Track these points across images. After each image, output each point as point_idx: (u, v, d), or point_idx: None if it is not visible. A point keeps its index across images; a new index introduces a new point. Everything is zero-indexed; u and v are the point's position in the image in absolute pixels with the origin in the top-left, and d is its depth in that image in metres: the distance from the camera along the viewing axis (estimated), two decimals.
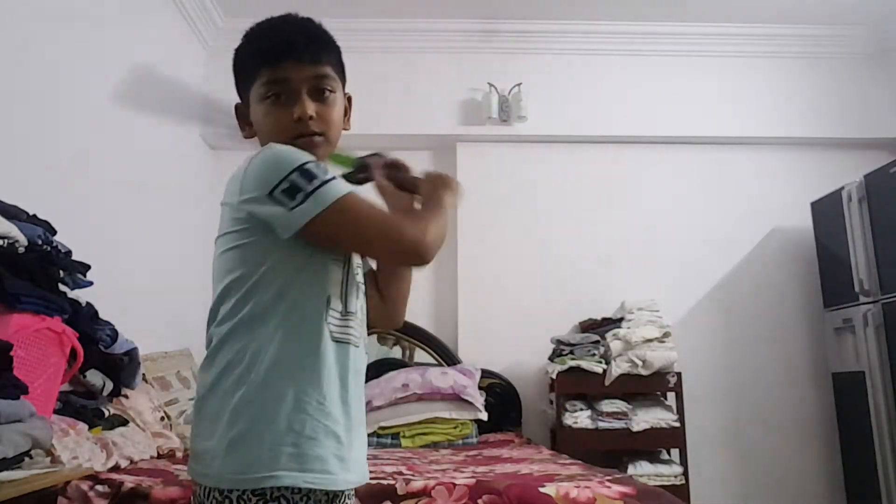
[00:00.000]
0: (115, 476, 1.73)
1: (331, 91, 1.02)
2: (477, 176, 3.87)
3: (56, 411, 1.92)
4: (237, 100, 1.10)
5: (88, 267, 2.09)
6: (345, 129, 1.08)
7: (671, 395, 3.28)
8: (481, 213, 3.81)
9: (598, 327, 3.46)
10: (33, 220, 1.91)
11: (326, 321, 0.94)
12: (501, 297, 3.70)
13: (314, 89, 1.00)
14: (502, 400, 3.47)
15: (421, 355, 3.59)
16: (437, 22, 3.88)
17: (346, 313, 0.97)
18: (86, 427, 1.96)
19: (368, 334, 1.07)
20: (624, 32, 3.92)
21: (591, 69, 3.93)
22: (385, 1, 3.72)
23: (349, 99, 1.11)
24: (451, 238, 3.80)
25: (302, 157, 0.93)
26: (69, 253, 2.02)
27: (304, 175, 0.90)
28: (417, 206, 1.05)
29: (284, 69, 0.98)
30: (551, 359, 3.36)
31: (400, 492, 1.63)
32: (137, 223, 2.98)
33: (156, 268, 3.09)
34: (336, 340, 0.95)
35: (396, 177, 1.12)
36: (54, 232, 1.97)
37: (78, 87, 2.56)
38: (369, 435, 2.79)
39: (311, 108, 0.98)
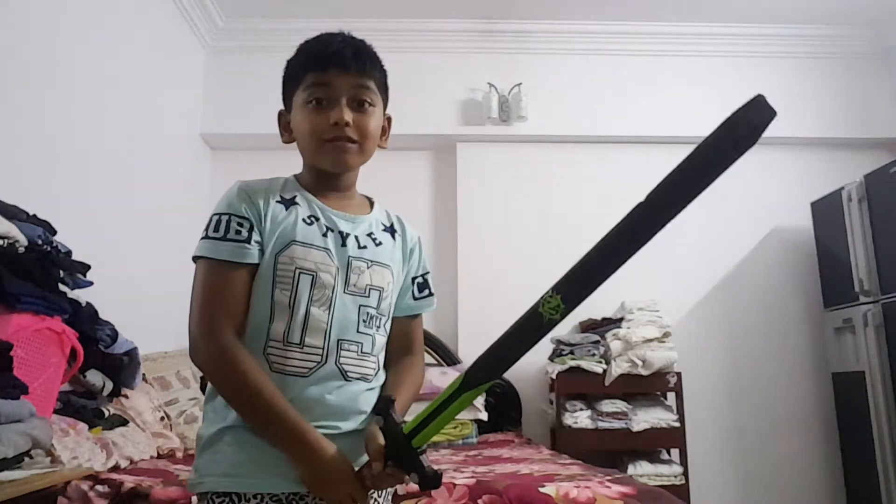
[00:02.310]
0: (115, 476, 1.73)
1: (370, 104, 1.05)
2: (477, 176, 3.87)
3: (56, 411, 1.92)
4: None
5: (88, 267, 2.09)
6: (381, 146, 1.12)
7: (671, 395, 3.28)
8: (481, 213, 3.81)
9: (598, 327, 3.46)
10: (33, 220, 1.92)
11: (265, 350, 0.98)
12: (501, 296, 3.70)
13: (354, 98, 1.03)
14: (502, 400, 3.46)
15: None
16: (437, 22, 3.88)
17: (287, 343, 0.98)
18: (86, 427, 1.96)
19: None
20: (624, 32, 3.92)
21: (591, 69, 3.93)
22: (385, 1, 3.72)
23: (389, 120, 1.14)
24: (452, 237, 3.80)
25: (226, 207, 1.00)
26: (69, 253, 2.02)
27: (211, 221, 0.99)
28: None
29: (329, 75, 1.02)
30: (551, 359, 3.36)
31: (400, 492, 1.63)
32: (137, 223, 2.99)
33: (156, 268, 3.09)
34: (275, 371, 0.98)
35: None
36: (54, 232, 1.97)
37: (78, 86, 2.56)
38: None
39: (348, 114, 1.01)
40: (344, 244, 1.03)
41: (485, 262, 3.75)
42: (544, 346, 3.43)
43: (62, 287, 1.94)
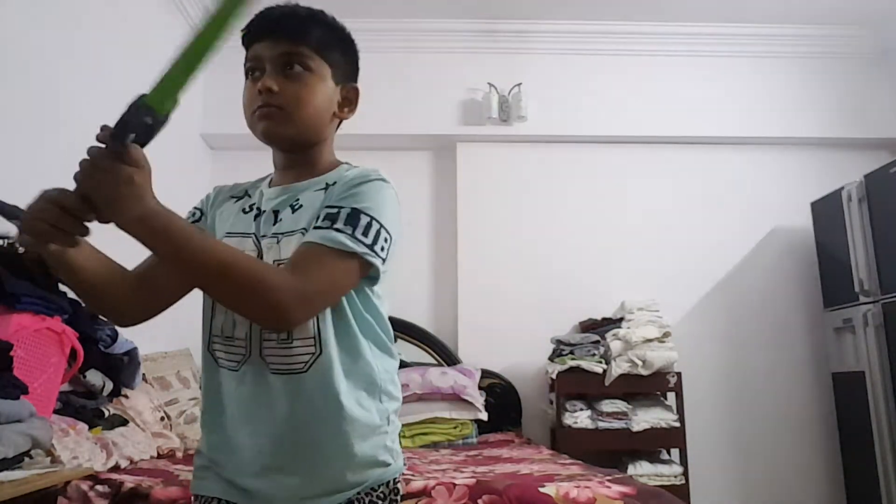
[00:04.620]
0: (115, 476, 1.73)
1: (304, 68, 0.97)
2: (477, 176, 3.87)
3: (56, 411, 1.92)
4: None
5: None
6: (341, 117, 1.06)
7: (671, 395, 3.28)
8: (481, 213, 3.81)
9: (598, 327, 3.46)
10: None
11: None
12: (501, 297, 3.70)
13: (283, 65, 0.97)
14: (502, 400, 3.46)
15: (421, 355, 3.59)
16: (437, 22, 3.88)
17: (225, 338, 0.96)
18: (86, 427, 1.96)
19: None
20: (624, 32, 3.92)
21: (591, 69, 3.93)
22: (385, 1, 3.72)
23: (355, 91, 1.07)
24: (452, 237, 3.80)
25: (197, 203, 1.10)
26: None
27: None
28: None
29: (260, 47, 0.98)
30: (551, 359, 3.36)
31: (400, 491, 1.63)
32: None
33: None
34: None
35: None
36: None
37: (78, 86, 2.56)
38: None
39: (270, 81, 0.95)
40: (263, 223, 0.97)
41: (485, 262, 3.76)
42: (544, 347, 3.43)
43: (62, 287, 1.94)
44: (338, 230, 0.87)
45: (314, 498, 0.90)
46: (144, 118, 0.75)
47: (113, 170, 0.74)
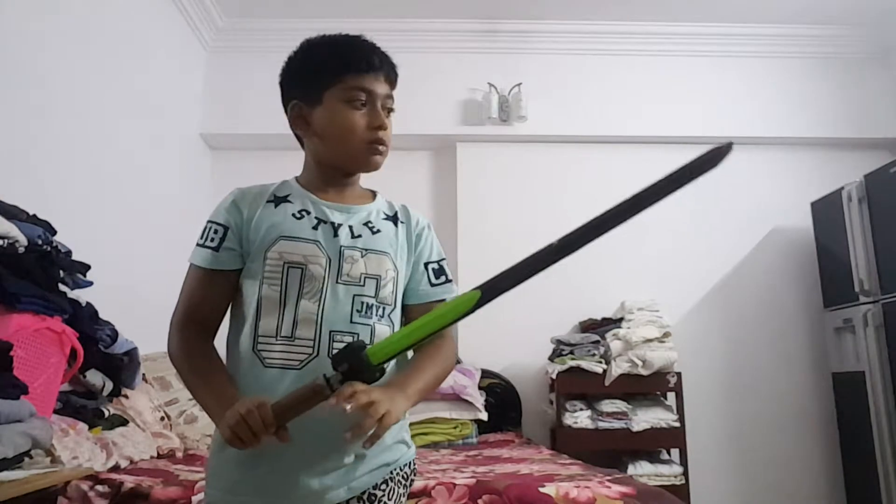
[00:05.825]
0: (115, 476, 1.73)
1: (392, 111, 1.11)
2: (477, 176, 3.87)
3: (56, 411, 1.92)
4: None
5: (88, 267, 2.09)
6: None
7: (671, 395, 3.28)
8: (481, 213, 3.81)
9: (598, 327, 3.46)
10: (33, 220, 1.91)
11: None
12: (501, 297, 3.70)
13: (386, 106, 1.09)
14: (502, 400, 3.46)
15: None
16: (437, 22, 3.88)
17: (280, 338, 1.01)
18: (86, 427, 1.96)
19: None
20: (624, 32, 3.92)
21: (591, 69, 3.93)
22: (385, 1, 3.72)
23: None
24: (451, 237, 3.80)
25: (212, 214, 1.07)
26: (69, 253, 2.02)
27: (203, 228, 1.06)
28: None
29: (370, 80, 1.07)
30: (551, 359, 3.36)
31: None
32: (137, 223, 2.99)
33: (156, 268, 3.09)
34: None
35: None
36: (54, 232, 1.97)
37: (78, 86, 2.56)
38: None
39: (387, 120, 1.08)
40: (336, 234, 1.04)
41: (485, 262, 3.72)
42: (544, 347, 3.43)
43: (62, 287, 1.94)
44: (451, 281, 1.16)
45: (360, 477, 1.00)
46: (361, 357, 0.88)
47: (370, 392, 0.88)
